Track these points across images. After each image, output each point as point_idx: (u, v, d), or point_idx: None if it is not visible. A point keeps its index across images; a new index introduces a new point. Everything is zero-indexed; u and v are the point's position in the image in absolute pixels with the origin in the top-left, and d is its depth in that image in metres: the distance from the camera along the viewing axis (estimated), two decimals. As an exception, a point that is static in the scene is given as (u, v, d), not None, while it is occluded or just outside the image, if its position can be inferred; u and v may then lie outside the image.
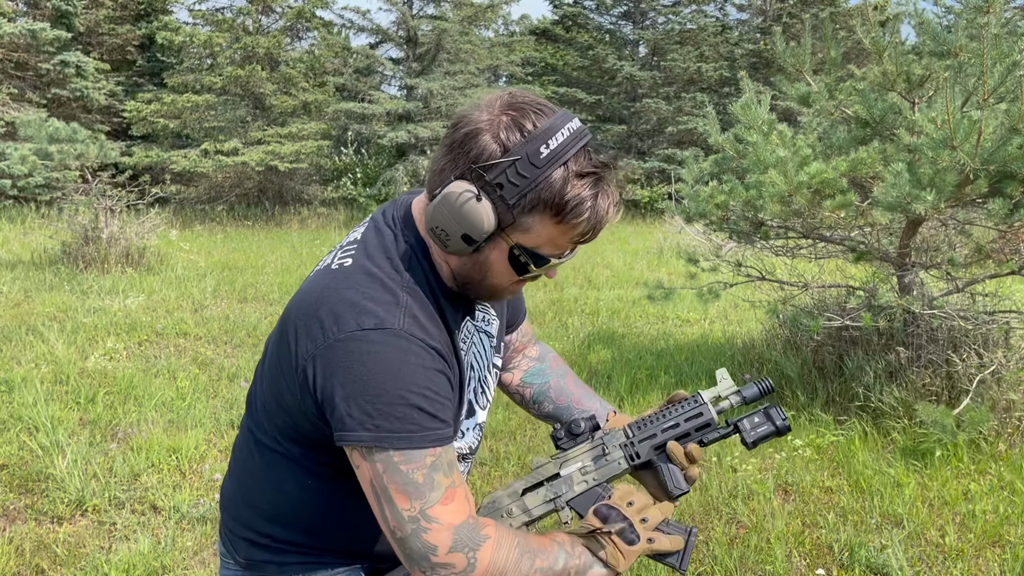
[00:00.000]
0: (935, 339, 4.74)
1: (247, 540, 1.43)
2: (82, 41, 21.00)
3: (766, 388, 1.45)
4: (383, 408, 1.16)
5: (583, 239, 1.24)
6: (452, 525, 1.18)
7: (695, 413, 1.42)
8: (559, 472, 1.41)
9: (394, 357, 1.17)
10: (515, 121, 1.18)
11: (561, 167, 1.16)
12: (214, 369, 5.95)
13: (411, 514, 1.18)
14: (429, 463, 1.19)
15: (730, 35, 23.69)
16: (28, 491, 3.87)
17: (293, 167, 18.22)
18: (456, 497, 1.21)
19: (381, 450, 1.17)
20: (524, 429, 4.80)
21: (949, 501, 3.76)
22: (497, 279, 1.29)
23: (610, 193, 1.21)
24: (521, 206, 1.18)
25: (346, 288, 1.22)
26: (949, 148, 3.72)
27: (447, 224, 1.20)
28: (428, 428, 1.18)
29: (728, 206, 4.77)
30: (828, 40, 4.88)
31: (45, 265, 10.05)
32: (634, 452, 1.41)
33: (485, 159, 1.17)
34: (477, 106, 1.22)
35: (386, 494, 1.19)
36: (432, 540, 1.18)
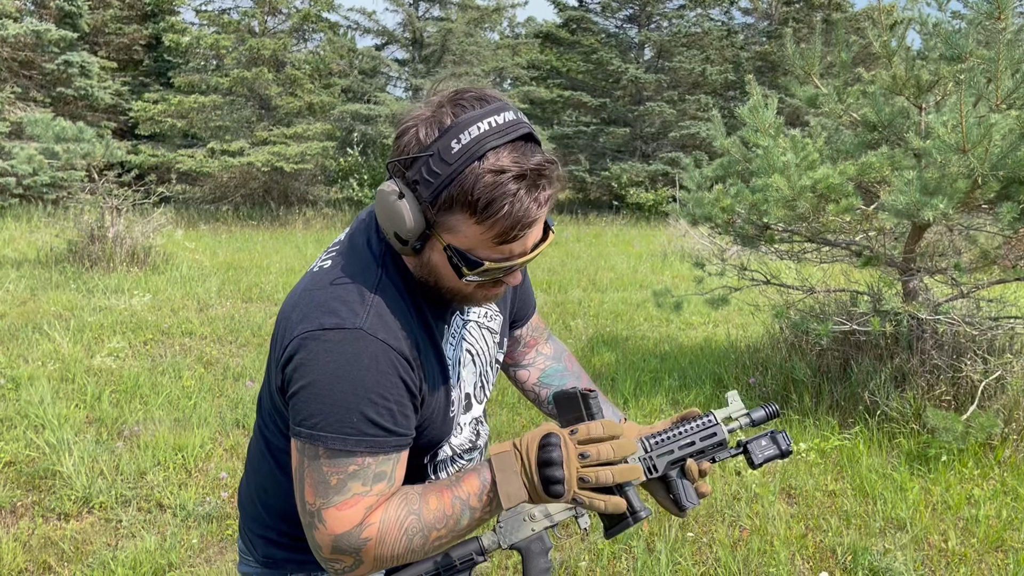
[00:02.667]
0: (940, 345, 4.74)
1: (265, 539, 1.44)
2: (89, 40, 21.07)
3: (772, 412, 1.52)
4: (324, 408, 1.17)
5: (508, 238, 1.15)
6: (334, 532, 1.20)
7: (710, 432, 1.47)
8: None
9: (348, 358, 1.17)
10: (437, 117, 1.13)
11: (475, 162, 1.10)
12: (219, 368, 5.97)
13: (311, 509, 1.21)
14: (351, 471, 1.19)
15: (735, 39, 23.68)
16: (35, 488, 3.89)
17: (298, 168, 18.25)
18: (357, 505, 1.20)
19: (312, 447, 1.19)
20: (528, 430, 4.80)
21: (952, 506, 3.76)
22: (451, 282, 1.25)
23: (534, 190, 1.13)
24: (437, 204, 1.14)
25: (318, 289, 1.24)
26: (960, 152, 3.72)
27: (383, 223, 1.20)
28: (365, 434, 1.19)
29: (734, 210, 4.78)
30: (839, 43, 4.89)
31: (51, 264, 10.08)
32: (652, 465, 1.45)
33: (403, 156, 1.15)
34: (422, 102, 1.19)
35: (301, 483, 1.22)
36: (318, 539, 1.21)
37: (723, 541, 3.44)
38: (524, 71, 23.95)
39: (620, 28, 24.31)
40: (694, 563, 3.29)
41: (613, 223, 19.09)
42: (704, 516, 3.71)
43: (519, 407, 5.19)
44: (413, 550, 1.22)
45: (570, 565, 3.28)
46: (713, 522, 3.66)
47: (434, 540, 1.23)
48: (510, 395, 5.38)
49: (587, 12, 23.76)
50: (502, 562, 3.30)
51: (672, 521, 3.60)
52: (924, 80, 4.50)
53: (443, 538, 1.24)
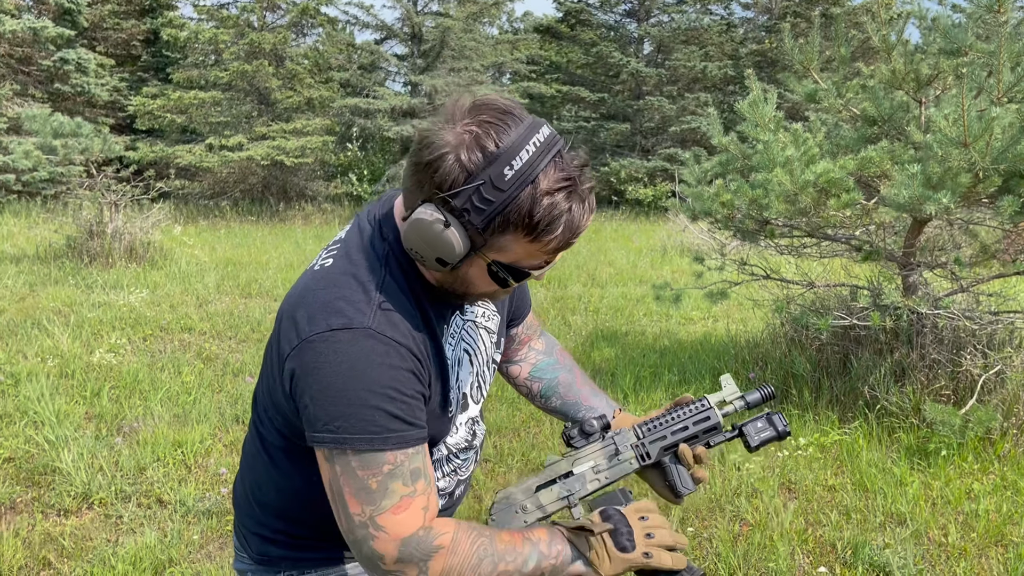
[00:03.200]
0: (940, 339, 4.74)
1: (260, 536, 1.44)
2: (87, 36, 21.03)
3: (768, 394, 1.52)
4: (344, 410, 1.16)
5: (562, 248, 1.21)
6: (399, 537, 1.18)
7: (703, 417, 1.47)
8: (572, 470, 1.44)
9: (359, 357, 1.16)
10: (477, 140, 1.12)
11: (528, 186, 1.11)
12: (219, 364, 5.97)
13: (361, 519, 1.18)
14: (386, 471, 1.17)
15: (735, 33, 23.65)
16: (35, 484, 3.89)
17: (298, 163, 18.24)
18: (411, 506, 1.19)
19: (340, 452, 1.17)
20: (528, 426, 4.81)
21: (952, 500, 3.76)
22: (481, 289, 1.28)
23: (583, 200, 1.17)
24: (491, 229, 1.14)
25: (322, 288, 1.23)
26: (961, 146, 3.72)
27: (419, 247, 1.18)
28: (391, 430, 1.17)
29: (734, 205, 4.77)
30: (839, 37, 4.88)
31: (50, 259, 10.07)
32: (645, 452, 1.45)
33: (449, 186, 1.12)
34: (441, 119, 1.16)
35: (340, 497, 1.19)
36: (379, 549, 1.18)
37: (723, 536, 3.44)
38: (523, 66, 23.91)
39: (619, 22, 24.28)
40: (694, 558, 3.29)
41: (612, 218, 19.08)
42: (704, 511, 3.71)
43: (519, 403, 5.19)
44: (480, 572, 1.21)
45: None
46: (713, 517, 3.66)
47: (500, 573, 1.23)
48: (510, 391, 5.38)
49: (586, 6, 23.72)
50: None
51: (672, 515, 3.60)
52: (924, 74, 4.49)
53: (510, 574, 1.23)
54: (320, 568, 1.41)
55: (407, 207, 1.21)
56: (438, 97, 19.81)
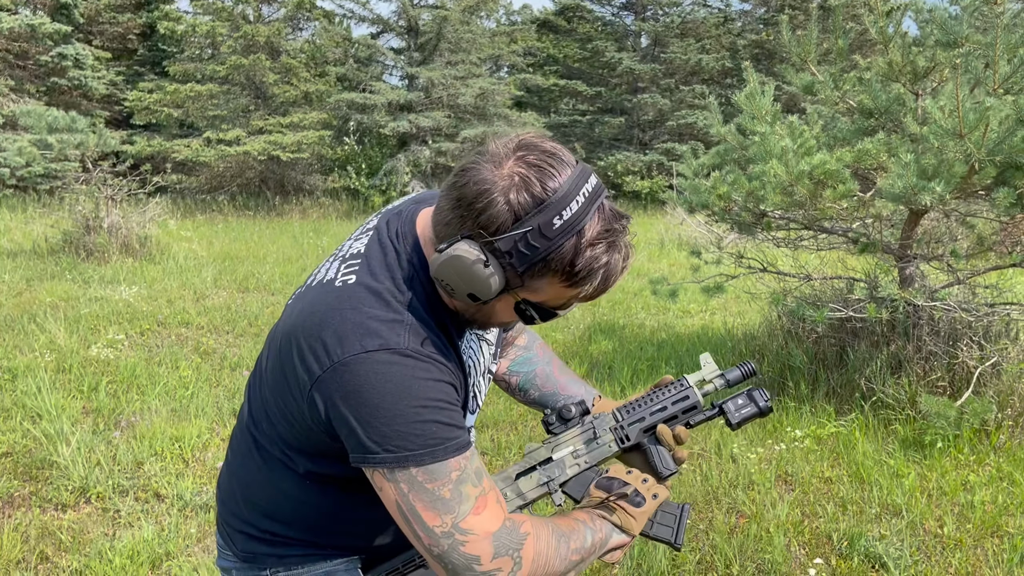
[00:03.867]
0: (936, 331, 4.75)
1: (245, 534, 1.42)
2: (83, 30, 20.96)
3: (748, 371, 1.51)
4: (400, 429, 1.15)
5: (593, 297, 1.23)
6: (489, 533, 1.17)
7: (681, 396, 1.47)
8: (551, 456, 1.44)
9: (402, 375, 1.15)
10: (526, 183, 1.12)
11: (574, 236, 1.13)
12: (216, 358, 5.97)
13: (444, 529, 1.16)
14: (455, 478, 1.17)
15: (732, 26, 23.61)
16: (32, 478, 3.89)
17: (295, 157, 18.22)
18: (488, 503, 1.19)
19: (403, 470, 1.16)
20: (525, 419, 4.81)
21: (948, 492, 3.77)
22: (502, 320, 1.31)
23: (621, 251, 1.19)
24: (530, 273, 1.16)
25: (349, 308, 1.20)
26: (957, 137, 3.72)
27: (452, 281, 1.18)
28: (449, 439, 1.17)
29: (731, 197, 4.77)
30: (836, 29, 4.87)
31: (46, 254, 10.06)
32: (624, 435, 1.45)
33: (495, 227, 1.13)
34: (486, 155, 1.17)
35: (414, 514, 1.17)
36: (472, 551, 1.16)
37: (720, 528, 3.45)
38: (520, 59, 23.86)
39: (616, 15, 24.23)
40: (690, 550, 3.30)
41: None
42: (701, 502, 3.72)
43: (516, 395, 5.20)
44: (560, 555, 1.24)
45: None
46: (710, 508, 3.67)
47: (572, 551, 1.27)
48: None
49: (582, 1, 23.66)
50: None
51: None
52: (921, 66, 4.49)
53: (577, 551, 1.28)
54: (306, 564, 1.41)
55: (441, 237, 1.20)
56: (435, 90, 19.77)
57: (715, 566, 3.20)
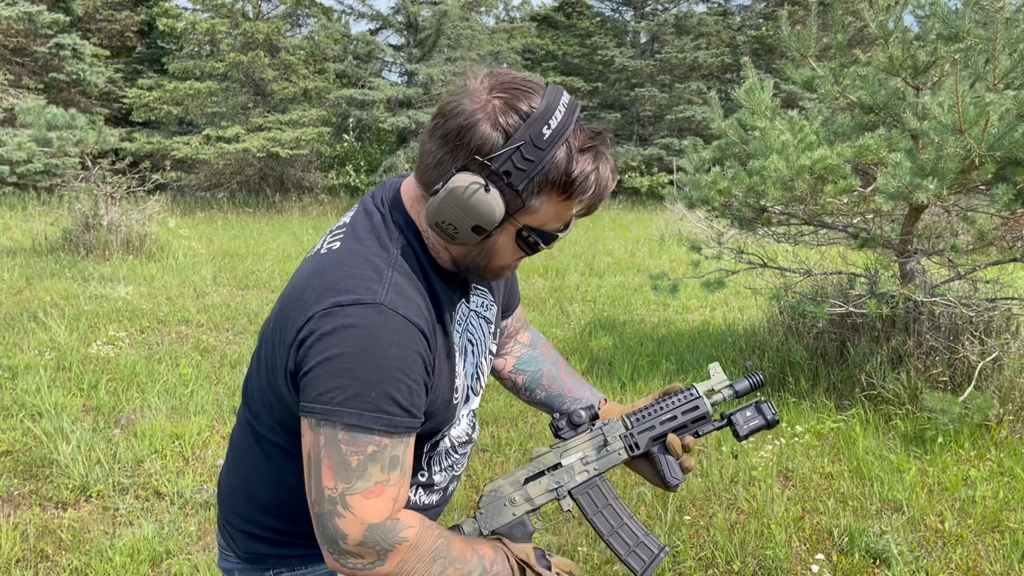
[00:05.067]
0: (937, 326, 4.74)
1: (247, 533, 1.41)
2: (80, 27, 20.93)
3: (757, 382, 1.52)
4: (345, 382, 1.14)
5: (593, 209, 1.26)
6: (366, 522, 1.17)
7: (692, 406, 1.47)
8: (560, 462, 1.43)
9: (367, 333, 1.15)
10: (509, 104, 1.16)
11: (564, 145, 1.16)
12: (216, 356, 5.96)
13: (331, 494, 1.16)
14: (369, 452, 1.16)
15: (732, 21, 23.58)
16: (32, 477, 3.89)
17: (294, 154, 18.20)
18: (383, 494, 1.18)
19: (329, 424, 1.15)
20: (526, 416, 4.81)
21: (949, 487, 3.77)
22: (502, 260, 1.29)
23: (608, 161, 1.23)
24: (529, 190, 1.18)
25: (331, 269, 1.22)
26: (956, 132, 3.71)
27: (455, 218, 1.18)
28: (386, 412, 1.16)
29: (731, 193, 4.76)
30: (836, 24, 4.86)
31: (46, 252, 10.05)
32: (633, 443, 1.45)
33: (489, 148, 1.15)
34: (462, 92, 1.19)
35: (318, 467, 1.17)
36: (343, 527, 1.17)
37: (720, 524, 3.44)
38: (519, 56, 23.83)
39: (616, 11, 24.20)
40: (691, 546, 3.30)
41: (610, 207, 19.07)
42: (701, 499, 3.72)
43: (516, 392, 5.19)
44: (431, 572, 1.23)
45: (568, 549, 3.29)
46: (710, 505, 3.66)
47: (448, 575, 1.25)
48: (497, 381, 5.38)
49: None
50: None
51: (669, 504, 3.61)
52: (921, 61, 4.48)
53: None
54: (309, 564, 1.40)
55: (433, 180, 1.21)
56: (434, 87, 19.74)
57: (716, 563, 3.20)
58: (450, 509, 3.58)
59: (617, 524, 1.44)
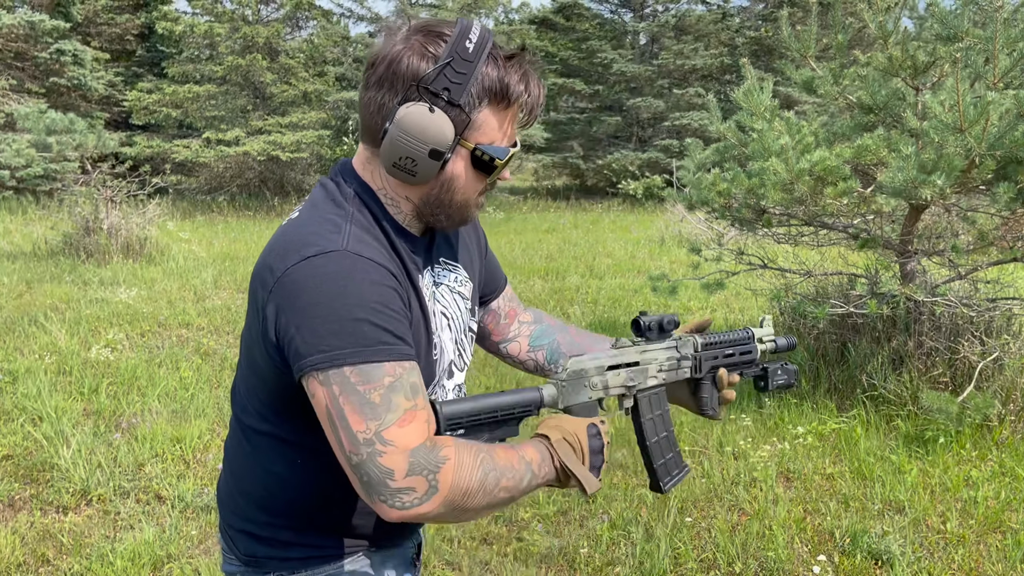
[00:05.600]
0: (938, 327, 4.74)
1: (246, 534, 1.41)
2: (80, 31, 20.95)
3: (792, 344, 1.67)
4: (333, 327, 1.14)
5: (528, 120, 1.31)
6: (408, 448, 1.13)
7: (747, 349, 1.59)
8: (639, 361, 1.46)
9: (337, 276, 1.16)
10: (428, 36, 1.23)
11: (489, 57, 1.23)
12: (217, 359, 5.96)
13: (366, 436, 1.13)
14: (387, 383, 1.15)
15: (731, 22, 23.59)
16: (33, 481, 3.89)
17: (294, 157, 18.20)
18: (416, 419, 1.16)
19: (336, 369, 1.14)
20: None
21: (951, 487, 3.77)
22: (464, 192, 1.31)
23: (533, 71, 1.28)
24: (470, 103, 1.23)
25: (291, 231, 1.25)
26: (957, 132, 3.71)
27: (410, 149, 1.22)
28: (384, 342, 1.16)
29: (730, 194, 4.76)
30: (836, 24, 4.86)
31: (46, 256, 10.05)
32: (698, 365, 1.52)
33: (422, 75, 1.21)
34: (382, 44, 1.27)
35: (341, 417, 1.14)
36: (388, 464, 1.13)
37: (722, 526, 3.44)
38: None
39: (615, 13, 24.21)
40: (693, 548, 3.30)
41: (610, 209, 19.07)
42: (703, 501, 3.71)
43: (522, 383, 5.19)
44: (485, 489, 1.19)
45: (569, 551, 3.29)
46: (712, 507, 3.66)
47: (501, 488, 1.21)
48: (508, 382, 5.38)
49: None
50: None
51: (671, 506, 3.60)
52: (920, 61, 4.48)
53: (508, 490, 1.22)
54: (310, 567, 1.40)
55: (378, 126, 1.26)
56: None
57: (717, 564, 3.20)
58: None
59: (660, 435, 1.49)
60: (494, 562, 3.24)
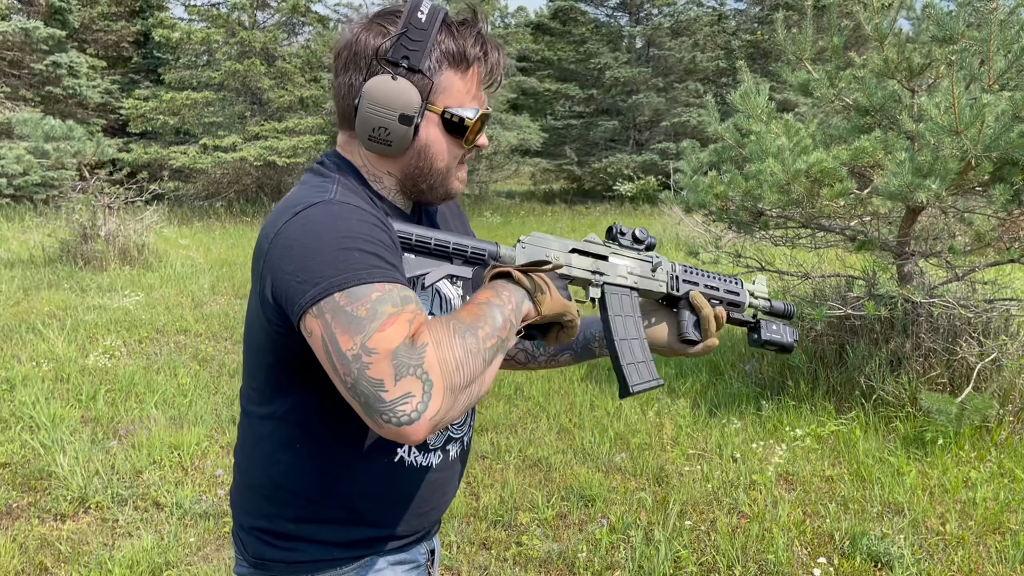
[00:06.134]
0: (936, 328, 4.74)
1: (256, 533, 1.40)
2: (77, 38, 20.95)
3: (789, 311, 1.64)
4: (324, 259, 1.14)
5: (492, 81, 1.35)
6: (388, 351, 1.09)
7: (734, 290, 1.58)
8: (608, 256, 1.44)
9: (326, 218, 1.18)
10: (383, 15, 1.30)
11: (443, 24, 1.29)
12: (215, 365, 5.95)
13: (353, 352, 1.10)
14: (375, 298, 1.12)
15: (727, 25, 23.63)
16: (31, 489, 3.88)
17: (291, 162, 18.19)
18: (397, 321, 1.12)
19: (327, 299, 1.12)
20: (525, 421, 4.80)
21: (950, 489, 3.76)
22: (442, 159, 1.34)
23: (490, 35, 1.33)
24: (430, 68, 1.27)
25: (281, 205, 1.28)
26: (953, 134, 3.71)
27: (381, 118, 1.26)
28: (371, 265, 1.14)
29: (728, 196, 4.77)
30: (832, 27, 4.87)
31: (43, 263, 10.04)
32: (677, 285, 1.51)
33: (379, 50, 1.27)
34: (345, 31, 1.33)
35: (333, 341, 1.11)
36: (375, 374, 1.09)
37: (722, 529, 3.44)
38: (515, 62, 23.85)
39: (611, 16, 24.24)
40: (693, 551, 3.29)
41: (607, 212, 19.07)
42: (703, 504, 3.71)
43: (515, 399, 5.19)
44: (469, 352, 1.15)
45: (568, 556, 3.28)
46: (711, 510, 3.66)
47: (483, 339, 1.18)
48: (507, 386, 5.37)
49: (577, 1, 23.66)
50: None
51: (671, 509, 3.60)
52: (916, 63, 4.49)
53: (490, 337, 1.19)
54: (317, 573, 1.39)
55: (350, 106, 1.31)
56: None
57: (717, 567, 3.19)
58: (452, 507, 3.57)
59: (630, 336, 1.43)
60: (493, 567, 3.23)
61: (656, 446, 4.40)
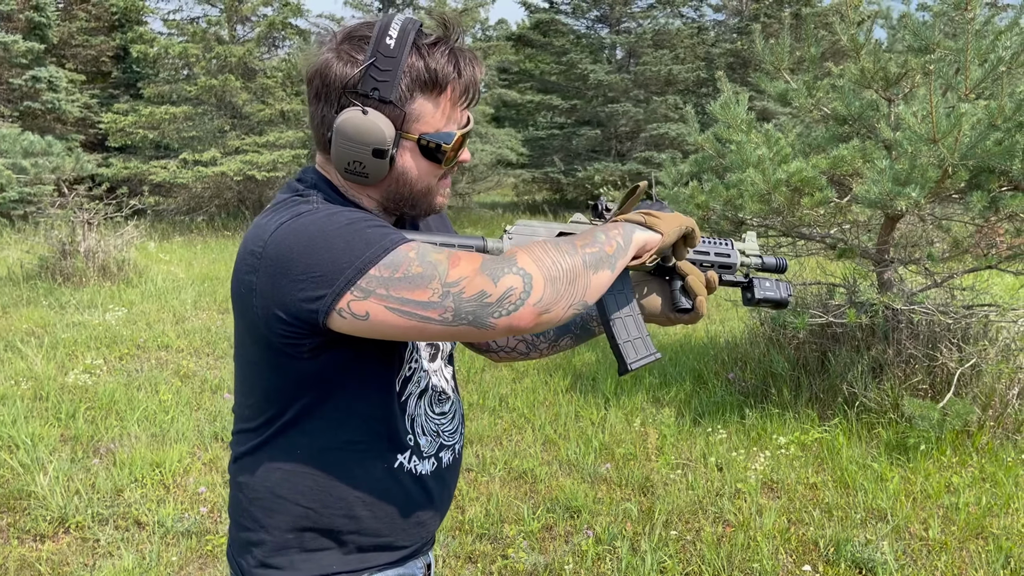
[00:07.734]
0: (916, 334, 4.78)
1: (250, 549, 1.38)
2: (56, 53, 20.82)
3: (782, 265, 1.60)
4: (338, 247, 1.14)
5: (469, 101, 1.31)
6: (475, 269, 1.14)
7: (724, 251, 1.54)
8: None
9: (317, 219, 1.18)
10: (350, 39, 1.25)
11: (412, 48, 1.24)
12: (197, 381, 5.90)
13: (438, 295, 1.13)
14: (414, 256, 1.15)
15: (706, 36, 23.82)
16: (10, 509, 3.82)
17: (270, 176, 18.12)
18: (460, 256, 1.16)
19: (364, 276, 1.13)
20: (510, 434, 4.79)
21: (932, 494, 3.79)
22: (423, 181, 1.32)
23: (464, 54, 1.29)
24: (401, 97, 1.24)
25: (260, 222, 1.27)
26: (930, 142, 3.76)
27: (355, 152, 1.24)
28: (387, 235, 1.17)
29: (708, 206, 4.79)
30: (808, 37, 4.92)
31: (22, 280, 9.93)
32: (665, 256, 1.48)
33: (349, 81, 1.23)
34: (315, 54, 1.29)
35: (408, 304, 1.13)
36: (473, 290, 1.13)
37: (707, 539, 3.44)
38: (495, 74, 23.92)
39: (591, 28, 24.38)
40: (679, 561, 3.29)
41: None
42: (687, 513, 3.71)
43: (500, 411, 5.18)
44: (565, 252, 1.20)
45: (555, 568, 3.27)
46: (696, 519, 3.66)
47: (581, 247, 1.23)
48: (491, 398, 5.36)
49: (557, 14, 23.79)
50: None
51: (656, 519, 3.60)
52: (892, 72, 4.54)
53: (590, 246, 1.25)
54: None
55: (325, 137, 1.28)
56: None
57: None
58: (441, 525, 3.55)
59: (624, 314, 1.43)
60: (479, 581, 3.21)
61: (641, 456, 4.40)
